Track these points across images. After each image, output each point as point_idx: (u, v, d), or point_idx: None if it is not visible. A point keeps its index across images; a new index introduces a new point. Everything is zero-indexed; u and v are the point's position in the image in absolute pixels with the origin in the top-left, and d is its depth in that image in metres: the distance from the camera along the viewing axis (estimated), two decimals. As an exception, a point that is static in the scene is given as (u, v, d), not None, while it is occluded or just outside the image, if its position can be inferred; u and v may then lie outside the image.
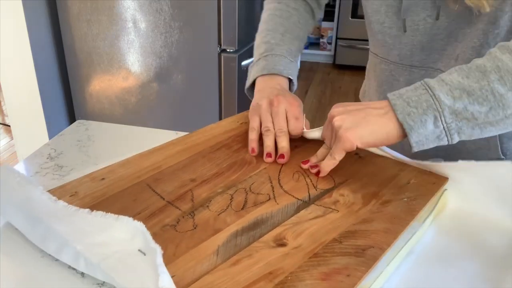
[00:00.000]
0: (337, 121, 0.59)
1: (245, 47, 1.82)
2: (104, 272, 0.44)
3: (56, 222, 0.49)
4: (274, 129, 0.68)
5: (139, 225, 0.47)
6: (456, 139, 0.54)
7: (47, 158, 0.73)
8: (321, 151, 0.65)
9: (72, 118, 2.09)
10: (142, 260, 0.44)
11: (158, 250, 0.43)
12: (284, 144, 0.67)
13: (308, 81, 3.81)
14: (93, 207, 0.53)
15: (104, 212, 0.50)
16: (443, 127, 0.53)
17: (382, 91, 0.82)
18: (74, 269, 0.47)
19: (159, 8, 1.75)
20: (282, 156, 0.66)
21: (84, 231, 0.48)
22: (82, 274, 0.47)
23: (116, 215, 0.49)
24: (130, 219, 0.48)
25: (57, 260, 0.48)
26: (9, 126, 2.23)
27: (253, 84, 0.78)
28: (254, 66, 0.80)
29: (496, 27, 0.64)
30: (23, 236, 0.51)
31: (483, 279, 0.50)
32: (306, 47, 4.34)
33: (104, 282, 0.46)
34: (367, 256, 0.47)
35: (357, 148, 0.58)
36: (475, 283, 0.50)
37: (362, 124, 0.57)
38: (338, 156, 0.59)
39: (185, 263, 0.46)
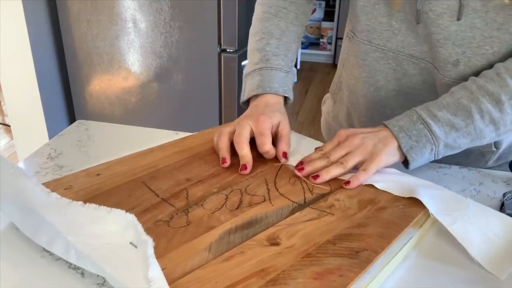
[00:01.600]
0: (369, 145, 0.64)
1: (245, 47, 1.81)
2: (94, 262, 0.43)
3: (48, 214, 0.49)
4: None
5: (131, 218, 0.46)
6: (441, 157, 0.66)
7: (47, 158, 0.73)
8: (321, 163, 0.64)
9: (72, 118, 2.09)
10: (133, 253, 0.44)
11: (149, 242, 0.43)
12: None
13: (308, 81, 3.81)
14: (87, 201, 0.52)
15: (97, 205, 0.50)
16: (435, 154, 0.64)
17: (374, 81, 0.79)
18: (74, 269, 0.47)
19: (159, 8, 1.75)
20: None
21: (76, 223, 0.48)
22: (82, 274, 0.47)
23: (109, 208, 0.49)
24: (123, 212, 0.48)
25: (57, 260, 0.48)
26: (9, 126, 2.23)
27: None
28: (249, 78, 0.76)
29: None
30: (22, 236, 0.51)
31: (482, 284, 0.50)
32: (306, 47, 4.34)
33: (104, 282, 0.46)
34: (361, 258, 0.47)
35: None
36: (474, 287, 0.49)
37: (382, 151, 0.64)
38: (371, 171, 0.62)
39: (176, 258, 0.46)
